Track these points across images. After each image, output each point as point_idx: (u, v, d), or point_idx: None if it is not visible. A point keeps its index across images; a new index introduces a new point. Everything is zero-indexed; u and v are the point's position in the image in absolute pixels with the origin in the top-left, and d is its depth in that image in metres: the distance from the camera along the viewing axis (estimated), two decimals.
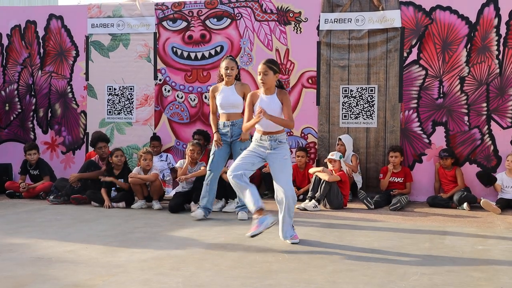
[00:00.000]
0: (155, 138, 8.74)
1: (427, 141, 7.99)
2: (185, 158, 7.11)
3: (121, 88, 9.03)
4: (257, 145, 4.97)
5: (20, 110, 9.46)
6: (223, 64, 6.30)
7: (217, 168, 6.34)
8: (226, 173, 6.47)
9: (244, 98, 6.19)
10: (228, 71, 6.26)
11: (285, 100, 4.95)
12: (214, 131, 6.40)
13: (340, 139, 7.98)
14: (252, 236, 4.65)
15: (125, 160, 7.42)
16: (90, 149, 8.61)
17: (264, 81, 4.87)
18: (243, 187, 4.77)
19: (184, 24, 8.80)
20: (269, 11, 8.48)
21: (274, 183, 4.89)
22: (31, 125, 9.40)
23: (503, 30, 7.70)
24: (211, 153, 6.37)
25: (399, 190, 7.55)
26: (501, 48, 7.71)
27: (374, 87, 8.15)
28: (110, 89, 9.08)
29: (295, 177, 7.91)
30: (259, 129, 4.96)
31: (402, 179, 7.68)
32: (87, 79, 9.15)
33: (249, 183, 4.81)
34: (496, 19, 7.71)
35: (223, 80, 6.35)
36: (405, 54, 8.01)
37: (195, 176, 6.88)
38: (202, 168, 6.83)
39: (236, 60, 6.41)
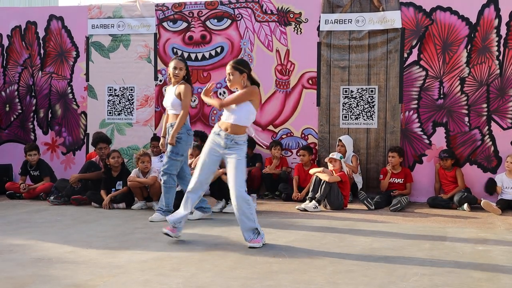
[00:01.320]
0: (155, 138, 8.73)
1: (427, 141, 7.98)
2: None
3: (121, 89, 9.04)
4: (213, 141, 4.85)
5: (20, 111, 9.47)
6: (172, 64, 6.16)
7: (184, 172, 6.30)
8: (226, 174, 6.46)
9: (179, 98, 6.03)
10: (177, 71, 6.12)
11: (241, 92, 4.82)
12: (161, 134, 6.41)
13: (340, 140, 7.97)
14: (166, 234, 4.88)
15: (122, 161, 7.40)
16: (91, 149, 8.62)
17: (229, 82, 4.84)
18: (184, 208, 4.90)
19: (185, 25, 8.81)
20: (269, 12, 8.48)
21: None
22: (31, 126, 9.41)
23: (503, 30, 7.70)
24: None
25: (400, 191, 7.54)
26: (502, 49, 7.70)
27: (375, 88, 8.15)
28: (110, 89, 9.08)
29: (298, 175, 7.90)
30: (222, 119, 4.87)
31: (402, 179, 7.68)
32: (87, 79, 9.15)
33: (191, 208, 4.93)
34: (497, 20, 7.71)
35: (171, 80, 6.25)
36: (405, 55, 8.01)
37: None
38: None
39: (185, 61, 6.28)
